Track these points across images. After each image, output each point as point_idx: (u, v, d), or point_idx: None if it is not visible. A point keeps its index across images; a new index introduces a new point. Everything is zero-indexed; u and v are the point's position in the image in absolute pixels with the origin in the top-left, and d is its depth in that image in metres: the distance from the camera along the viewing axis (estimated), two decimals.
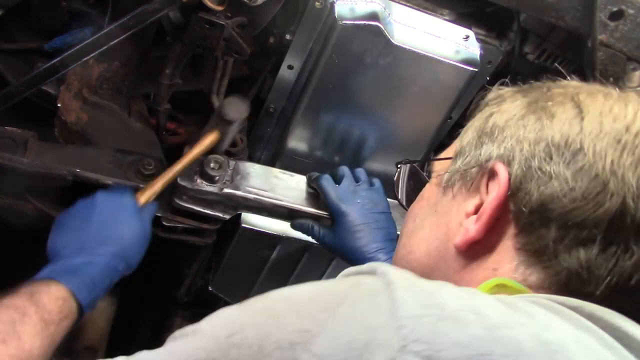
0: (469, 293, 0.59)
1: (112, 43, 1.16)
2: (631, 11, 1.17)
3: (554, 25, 1.29)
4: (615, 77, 1.24)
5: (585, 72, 1.30)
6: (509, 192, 0.69)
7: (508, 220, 0.69)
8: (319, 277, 1.59)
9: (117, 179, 1.28)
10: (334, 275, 1.21)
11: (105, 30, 1.16)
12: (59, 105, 1.39)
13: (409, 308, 0.53)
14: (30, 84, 1.20)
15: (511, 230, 0.69)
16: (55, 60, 1.17)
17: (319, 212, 1.37)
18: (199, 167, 1.31)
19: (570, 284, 0.65)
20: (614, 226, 0.63)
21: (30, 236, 1.46)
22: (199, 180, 1.31)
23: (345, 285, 0.60)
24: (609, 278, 0.64)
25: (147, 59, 1.44)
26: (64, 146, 1.37)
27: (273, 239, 1.46)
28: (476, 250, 0.72)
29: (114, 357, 0.69)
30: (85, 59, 1.18)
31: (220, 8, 1.17)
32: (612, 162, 0.64)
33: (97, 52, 1.17)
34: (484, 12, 1.37)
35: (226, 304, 1.26)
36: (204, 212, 1.34)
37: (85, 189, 1.27)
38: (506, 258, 0.69)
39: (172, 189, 1.32)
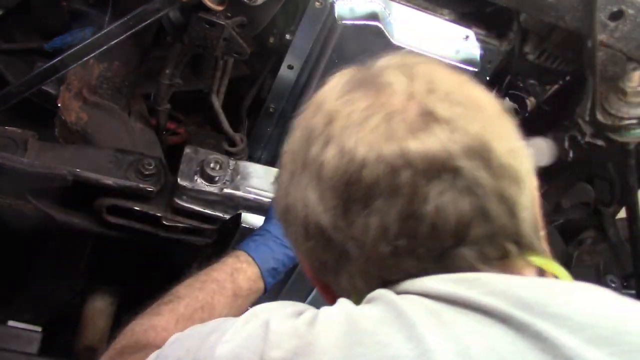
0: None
1: (112, 43, 1.16)
2: (631, 11, 1.17)
3: (554, 25, 1.29)
4: (615, 77, 1.24)
5: (585, 72, 1.30)
6: None
7: None
8: None
9: (117, 179, 1.28)
10: None
11: (105, 30, 1.16)
12: (59, 105, 1.39)
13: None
14: (30, 84, 1.20)
15: None
16: (55, 60, 1.17)
17: None
18: (199, 168, 1.31)
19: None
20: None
21: (30, 236, 1.47)
22: (199, 181, 1.31)
23: None
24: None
25: (147, 59, 1.44)
26: (64, 146, 1.37)
27: None
28: None
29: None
30: (85, 59, 1.18)
31: (220, 8, 1.17)
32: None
33: (97, 52, 1.17)
34: (484, 12, 1.37)
35: None
36: (204, 212, 1.34)
37: (85, 189, 1.27)
38: None
39: (172, 189, 1.32)
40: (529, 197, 0.68)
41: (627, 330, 0.59)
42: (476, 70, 1.32)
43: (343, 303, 0.66)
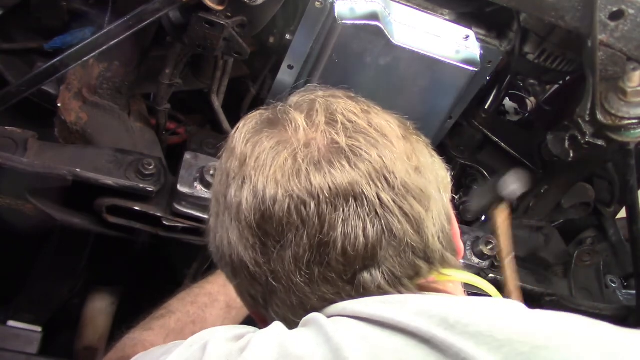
0: None
1: (112, 43, 1.16)
2: (631, 11, 1.17)
3: (554, 25, 1.29)
4: (615, 77, 1.24)
5: (585, 72, 1.30)
6: None
7: None
8: None
9: (117, 179, 1.28)
10: None
11: (105, 30, 1.16)
12: (59, 105, 1.39)
13: None
14: (30, 84, 1.20)
15: None
16: (55, 60, 1.17)
17: None
18: (199, 174, 1.31)
19: None
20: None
21: (30, 236, 1.47)
22: (198, 187, 1.31)
23: None
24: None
25: (147, 59, 1.44)
26: (64, 146, 1.37)
27: None
28: None
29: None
30: (85, 59, 1.18)
31: (220, 8, 1.17)
32: None
33: (97, 52, 1.17)
34: (484, 12, 1.37)
35: None
36: (203, 218, 1.34)
37: (85, 189, 1.27)
38: None
39: (171, 193, 1.32)
40: (437, 212, 0.72)
41: (544, 345, 0.61)
42: (476, 70, 1.32)
43: (276, 327, 0.70)
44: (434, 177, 0.74)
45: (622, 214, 1.74)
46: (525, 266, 1.58)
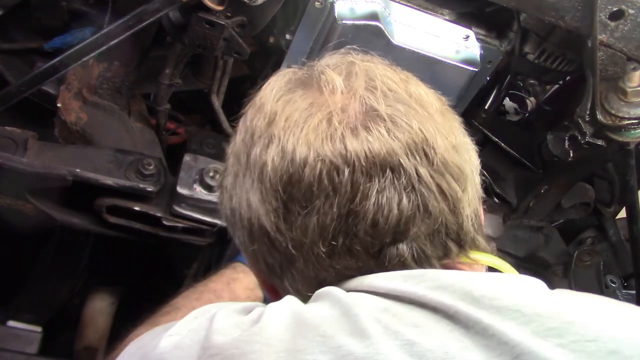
0: None
1: (112, 43, 1.16)
2: (631, 11, 1.17)
3: (554, 25, 1.29)
4: (615, 77, 1.24)
5: (585, 72, 1.30)
6: None
7: None
8: None
9: (117, 179, 1.28)
10: None
11: (105, 30, 1.16)
12: (59, 105, 1.39)
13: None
14: (30, 84, 1.20)
15: None
16: (55, 60, 1.17)
17: None
18: (199, 176, 1.31)
19: None
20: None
21: (30, 236, 1.47)
22: (198, 189, 1.31)
23: None
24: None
25: (147, 59, 1.44)
26: (64, 146, 1.37)
27: None
28: None
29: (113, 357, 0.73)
30: (85, 59, 1.18)
31: (220, 8, 1.17)
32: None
33: (97, 52, 1.17)
34: (484, 12, 1.37)
35: None
36: (203, 220, 1.34)
37: (85, 189, 1.27)
38: None
39: (171, 194, 1.32)
40: (472, 194, 0.69)
41: (573, 321, 0.59)
42: (476, 70, 1.32)
43: (289, 300, 0.67)
44: (469, 157, 0.71)
45: (622, 214, 1.74)
46: (525, 266, 1.58)
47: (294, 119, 0.66)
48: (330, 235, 0.64)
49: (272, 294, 0.76)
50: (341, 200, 0.63)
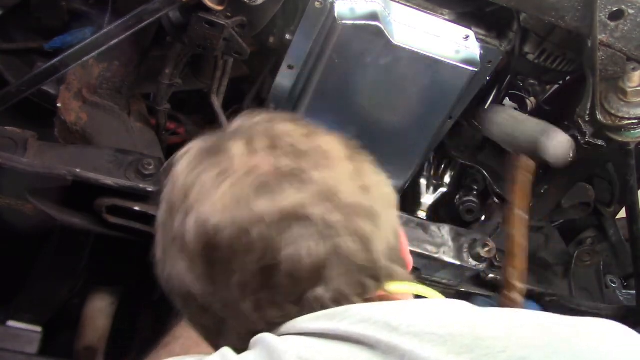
0: None
1: (112, 43, 1.16)
2: (631, 11, 1.17)
3: (554, 25, 1.29)
4: (615, 77, 1.24)
5: (585, 72, 1.30)
6: None
7: None
8: None
9: (117, 179, 1.28)
10: None
11: (105, 30, 1.16)
12: (59, 105, 1.39)
13: None
14: (30, 84, 1.20)
15: None
16: (55, 60, 1.17)
17: None
18: None
19: None
20: None
21: (30, 236, 1.47)
22: None
23: None
24: None
25: (147, 59, 1.44)
26: (64, 146, 1.37)
27: None
28: None
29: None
30: (85, 59, 1.18)
31: (220, 8, 1.17)
32: None
33: (97, 52, 1.17)
34: (484, 12, 1.37)
35: None
36: None
37: (85, 189, 1.27)
38: None
39: None
40: (386, 229, 0.73)
41: (485, 336, 0.63)
42: (476, 70, 1.32)
43: (223, 351, 0.70)
44: (380, 194, 0.75)
45: (622, 214, 1.74)
46: None
47: (206, 188, 0.70)
48: (251, 291, 0.68)
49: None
50: (254, 257, 0.67)
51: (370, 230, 0.70)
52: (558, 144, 1.32)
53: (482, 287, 1.55)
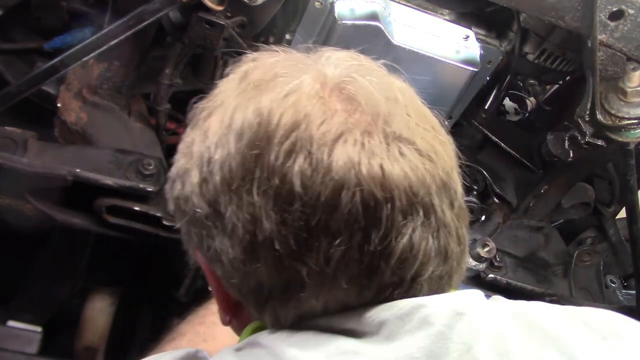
0: None
1: (112, 43, 1.16)
2: (631, 11, 1.17)
3: (554, 25, 1.29)
4: (615, 77, 1.24)
5: (585, 72, 1.30)
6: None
7: None
8: None
9: (117, 179, 1.28)
10: None
11: (105, 30, 1.16)
12: (59, 105, 1.39)
13: None
14: (30, 84, 1.20)
15: None
16: (55, 60, 1.17)
17: None
18: None
19: None
20: None
21: (30, 236, 1.47)
22: None
23: None
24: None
25: (147, 59, 1.44)
26: (64, 146, 1.37)
27: None
28: None
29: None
30: (85, 59, 1.18)
31: (220, 8, 1.17)
32: None
33: (97, 52, 1.17)
34: (484, 12, 1.37)
35: None
36: None
37: (85, 189, 1.27)
38: None
39: None
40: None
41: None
42: (476, 70, 1.32)
43: (224, 354, 0.64)
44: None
45: (622, 214, 1.74)
46: (525, 266, 1.58)
47: (324, 129, 0.57)
48: (356, 270, 0.58)
49: (230, 309, 0.70)
50: (377, 236, 0.57)
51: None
52: None
53: (482, 287, 1.55)
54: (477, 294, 0.65)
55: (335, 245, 0.57)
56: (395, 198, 0.57)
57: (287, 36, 1.33)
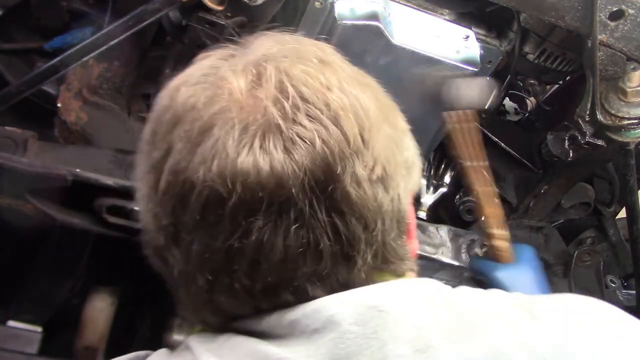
0: None
1: (112, 43, 1.16)
2: (631, 11, 1.17)
3: (554, 25, 1.29)
4: (615, 77, 1.24)
5: (585, 72, 1.30)
6: None
7: None
8: None
9: (117, 179, 1.28)
10: None
11: (105, 30, 1.16)
12: (59, 105, 1.39)
13: None
14: (30, 84, 1.20)
15: None
16: (55, 60, 1.17)
17: None
18: None
19: None
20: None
21: (30, 236, 1.47)
22: None
23: None
24: None
25: (147, 59, 1.44)
26: (64, 146, 1.37)
27: None
28: None
29: (113, 356, 0.72)
30: (85, 59, 1.18)
31: (220, 8, 1.17)
32: None
33: (97, 52, 1.17)
34: (484, 12, 1.37)
35: None
36: None
37: (85, 189, 1.27)
38: None
39: None
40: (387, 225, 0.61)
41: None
42: (476, 70, 1.32)
43: (160, 353, 0.66)
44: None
45: (622, 214, 1.74)
46: None
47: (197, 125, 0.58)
48: (209, 268, 0.59)
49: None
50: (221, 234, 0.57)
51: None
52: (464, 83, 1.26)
53: (481, 288, 1.55)
54: (415, 284, 0.63)
55: (193, 242, 0.60)
56: (240, 194, 0.55)
57: None
